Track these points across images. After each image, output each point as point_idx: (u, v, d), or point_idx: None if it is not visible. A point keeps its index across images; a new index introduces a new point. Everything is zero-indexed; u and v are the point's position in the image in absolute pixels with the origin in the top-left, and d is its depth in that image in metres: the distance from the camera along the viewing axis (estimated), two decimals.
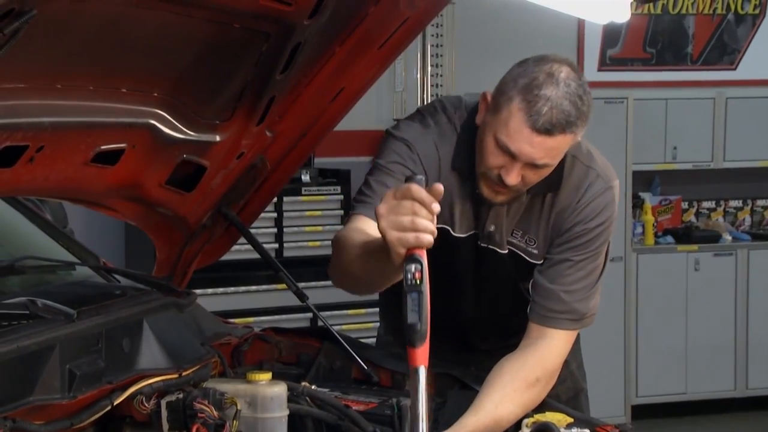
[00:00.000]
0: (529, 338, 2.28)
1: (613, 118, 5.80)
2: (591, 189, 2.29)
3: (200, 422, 2.10)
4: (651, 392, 6.04)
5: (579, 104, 2.11)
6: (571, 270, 2.28)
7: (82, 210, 2.92)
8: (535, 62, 2.16)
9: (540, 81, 2.11)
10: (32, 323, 1.90)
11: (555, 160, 2.18)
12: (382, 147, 2.35)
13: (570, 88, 2.11)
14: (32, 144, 1.83)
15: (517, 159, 2.14)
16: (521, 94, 2.11)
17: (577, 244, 2.28)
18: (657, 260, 6.13)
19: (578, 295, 2.28)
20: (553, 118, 2.09)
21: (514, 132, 2.12)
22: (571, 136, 2.13)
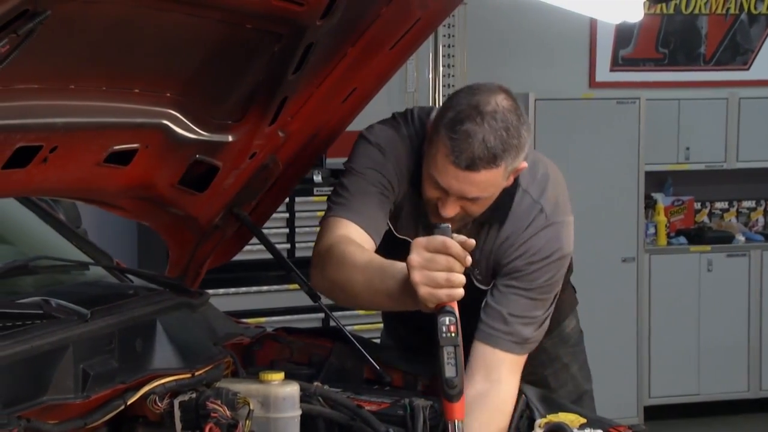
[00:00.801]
0: (476, 366, 2.23)
1: (626, 118, 5.79)
2: (534, 224, 2.24)
3: (213, 422, 2.11)
4: (664, 393, 6.03)
5: (505, 137, 2.07)
6: (518, 298, 2.25)
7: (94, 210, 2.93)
8: (466, 93, 2.13)
9: (464, 115, 2.08)
10: (46, 323, 1.91)
11: (489, 193, 2.15)
12: (356, 150, 2.33)
13: (496, 122, 2.07)
14: (46, 144, 1.84)
15: (449, 193, 2.13)
16: (446, 128, 2.09)
17: (520, 276, 2.25)
18: (670, 261, 6.11)
19: (523, 320, 2.24)
20: (475, 153, 2.06)
21: (441, 168, 2.11)
22: (498, 169, 2.09)
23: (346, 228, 2.18)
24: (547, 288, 2.26)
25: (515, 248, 2.24)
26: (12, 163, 1.80)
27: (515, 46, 6.11)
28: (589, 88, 6.30)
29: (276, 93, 2.23)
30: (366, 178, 2.25)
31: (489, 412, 2.16)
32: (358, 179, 2.25)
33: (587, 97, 6.04)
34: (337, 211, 2.23)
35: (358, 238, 2.16)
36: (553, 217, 2.26)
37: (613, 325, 5.69)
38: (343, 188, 2.27)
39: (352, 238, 2.14)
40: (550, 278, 2.26)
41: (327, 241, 2.16)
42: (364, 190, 2.22)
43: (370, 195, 2.22)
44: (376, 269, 1.97)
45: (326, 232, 2.21)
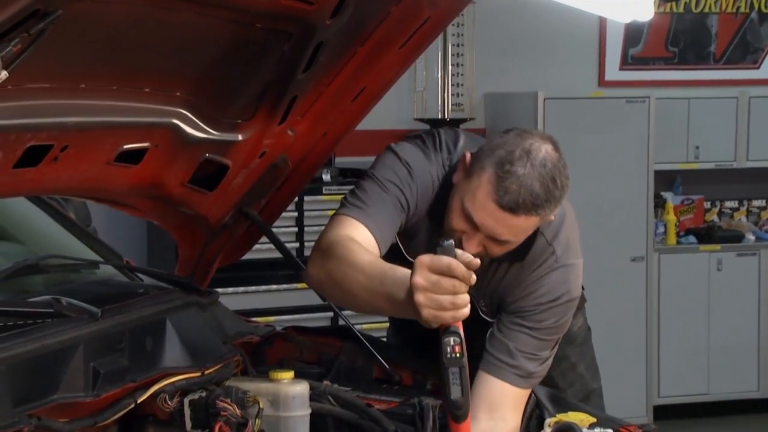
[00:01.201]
0: (479, 398, 2.22)
1: (635, 117, 5.78)
2: (544, 265, 2.23)
3: (223, 420, 2.11)
4: (673, 393, 6.01)
5: (551, 187, 2.06)
6: (524, 336, 2.24)
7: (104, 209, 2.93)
8: (518, 135, 2.11)
9: (515, 156, 2.06)
10: (57, 322, 1.92)
11: (518, 238, 2.13)
12: (384, 161, 2.28)
13: (545, 169, 2.06)
14: (57, 143, 1.84)
15: (479, 230, 2.10)
16: (494, 166, 2.06)
17: (527, 315, 2.23)
18: (679, 260, 6.09)
19: (528, 356, 2.24)
20: (521, 197, 2.04)
21: (480, 203, 2.08)
22: (536, 218, 2.08)
23: (355, 229, 2.16)
24: (553, 330, 2.25)
25: (523, 287, 2.23)
26: (23, 162, 1.81)
27: (524, 45, 6.10)
28: (598, 87, 6.29)
29: (285, 92, 2.23)
30: (387, 191, 2.21)
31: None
32: (379, 189, 2.21)
33: (597, 96, 6.03)
34: (350, 211, 2.20)
35: (366, 242, 2.14)
36: (564, 260, 2.24)
37: (622, 324, 5.68)
38: (362, 191, 2.23)
39: (358, 240, 2.12)
40: (557, 321, 2.25)
41: (332, 236, 2.14)
42: (382, 200, 2.19)
43: (387, 207, 2.19)
44: (377, 271, 1.94)
45: (334, 227, 2.19)
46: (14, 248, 2.55)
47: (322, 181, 5.27)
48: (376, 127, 5.37)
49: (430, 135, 2.34)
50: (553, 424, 2.10)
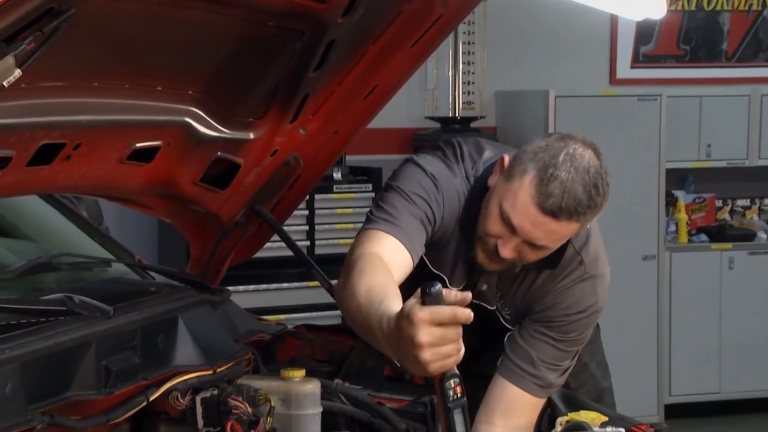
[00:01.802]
0: (496, 403, 2.21)
1: (646, 115, 5.76)
2: (571, 275, 2.21)
3: (234, 418, 2.11)
4: (684, 391, 6.00)
5: (593, 193, 2.04)
6: (548, 346, 2.22)
7: (115, 208, 2.95)
8: (559, 139, 2.08)
9: (559, 161, 2.02)
10: (69, 319, 1.92)
11: (555, 244, 2.09)
12: (407, 173, 2.21)
13: (588, 175, 2.03)
14: (69, 142, 1.85)
15: (517, 233, 2.05)
16: (537, 169, 2.02)
17: (553, 326, 2.21)
18: (691, 259, 6.07)
19: (550, 366, 2.22)
20: (563, 202, 2.00)
21: (521, 206, 2.03)
22: (576, 224, 2.05)
23: (384, 242, 2.07)
24: (577, 341, 2.24)
25: (550, 297, 2.20)
26: (36, 161, 1.81)
27: (535, 42, 6.09)
28: (609, 85, 6.27)
29: (297, 90, 2.23)
30: (415, 204, 2.14)
31: None
32: (406, 202, 2.14)
33: (608, 94, 6.01)
34: (378, 225, 2.11)
35: (396, 253, 2.07)
36: (592, 270, 2.22)
37: (634, 323, 5.66)
38: (388, 205, 2.15)
39: (386, 254, 2.04)
40: (582, 333, 2.23)
41: (357, 252, 2.06)
42: (410, 212, 2.12)
43: (415, 219, 2.13)
44: (376, 295, 1.81)
45: (362, 243, 2.10)
46: (27, 246, 2.56)
47: (333, 179, 5.27)
48: (386, 126, 5.38)
49: (450, 145, 2.29)
50: (565, 423, 2.10)
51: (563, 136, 2.09)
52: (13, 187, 1.89)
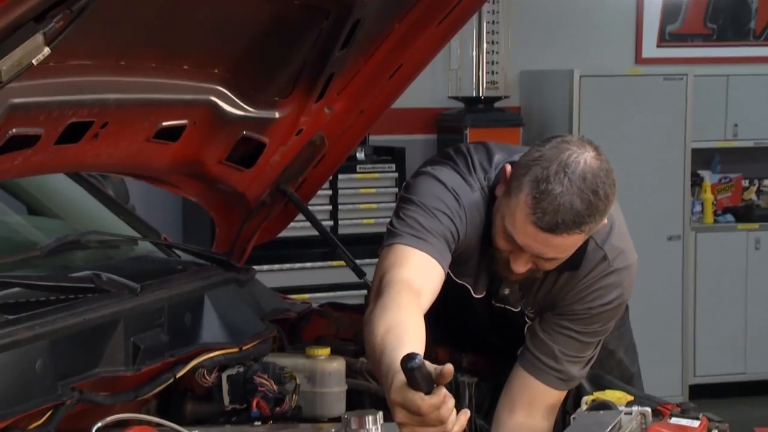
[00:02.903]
0: (519, 395, 2.20)
1: (673, 95, 5.71)
2: (596, 270, 2.14)
3: (260, 396, 2.13)
4: (709, 372, 5.98)
5: (593, 200, 1.94)
6: (571, 340, 2.19)
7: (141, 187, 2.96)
8: (554, 146, 1.98)
9: (551, 173, 1.93)
10: (97, 297, 1.94)
11: (566, 254, 2.03)
12: (426, 187, 2.13)
13: (585, 183, 1.94)
14: (97, 120, 1.86)
15: (524, 250, 2.02)
16: (530, 185, 1.95)
17: (577, 319, 2.17)
18: (716, 239, 6.04)
19: (573, 359, 2.20)
20: (559, 217, 1.93)
21: (520, 225, 1.98)
22: (581, 234, 1.98)
23: (413, 260, 2.00)
24: (600, 332, 2.21)
25: (574, 293, 2.16)
26: (64, 139, 1.83)
27: (560, 22, 6.05)
28: (635, 64, 6.23)
29: (323, 70, 2.23)
30: (439, 221, 2.07)
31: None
32: (430, 219, 2.07)
33: (633, 73, 5.97)
34: (406, 240, 2.03)
35: (429, 269, 2.01)
36: (617, 263, 2.16)
37: (659, 303, 5.64)
38: (411, 219, 2.07)
39: (413, 282, 1.96)
40: (605, 323, 2.20)
41: (388, 276, 1.97)
42: (435, 229, 2.05)
43: (440, 236, 2.06)
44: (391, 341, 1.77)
45: (391, 261, 2.01)
46: (55, 224, 2.59)
47: (357, 159, 5.27)
48: (410, 106, 5.37)
49: (461, 155, 2.21)
50: (590, 402, 2.09)
51: (559, 141, 1.99)
52: (41, 165, 1.91)
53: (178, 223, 5.32)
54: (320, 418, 2.19)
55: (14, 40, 1.35)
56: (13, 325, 1.71)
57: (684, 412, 2.03)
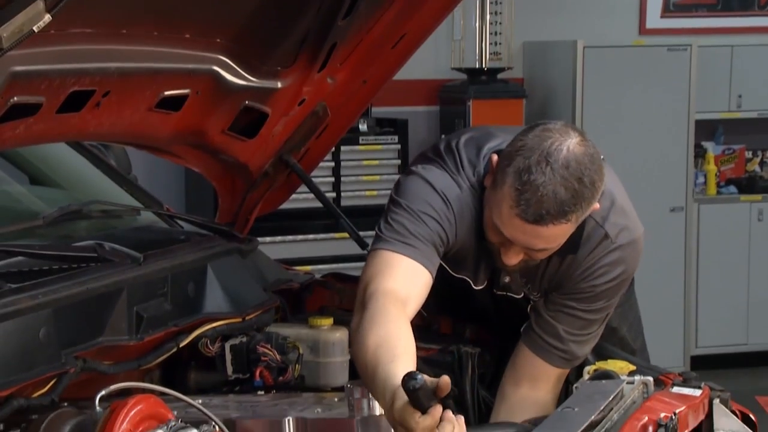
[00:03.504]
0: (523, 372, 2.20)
1: (676, 66, 5.68)
2: (598, 248, 2.12)
3: (263, 365, 2.14)
4: (711, 343, 5.99)
5: (577, 188, 1.91)
6: (576, 319, 2.18)
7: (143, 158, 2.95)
8: (537, 135, 1.94)
9: (533, 163, 1.90)
10: (100, 266, 1.94)
11: (556, 244, 2.01)
12: (414, 189, 2.10)
13: (568, 171, 1.90)
14: (99, 89, 1.85)
15: (513, 243, 2.00)
16: (513, 177, 1.92)
17: (582, 297, 2.16)
18: (719, 210, 6.03)
19: (578, 338, 2.19)
20: (543, 208, 1.90)
21: (506, 218, 1.96)
22: (568, 224, 1.95)
23: (398, 267, 1.99)
24: (605, 308, 2.19)
25: (579, 272, 2.13)
26: (66, 108, 1.82)
27: None
28: (639, 35, 6.19)
29: (325, 39, 2.22)
30: (427, 226, 2.05)
31: (537, 410, 2.14)
32: (417, 223, 2.05)
33: (637, 44, 5.94)
34: (393, 246, 2.02)
35: (415, 275, 2.01)
36: (621, 240, 2.13)
37: (661, 274, 5.64)
38: (398, 224, 2.05)
39: (399, 291, 1.95)
40: (610, 299, 2.18)
41: (371, 287, 1.96)
42: (422, 233, 2.04)
43: (428, 241, 2.05)
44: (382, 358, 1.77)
45: (376, 268, 2.01)
46: (57, 194, 2.58)
47: (359, 131, 5.25)
48: (413, 77, 5.35)
49: (450, 153, 2.17)
50: (593, 372, 2.10)
51: (542, 128, 1.96)
52: (43, 134, 1.91)
53: (180, 194, 5.32)
54: (323, 387, 2.19)
55: (15, 7, 1.35)
56: (17, 294, 1.71)
57: (686, 382, 2.04)
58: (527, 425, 1.95)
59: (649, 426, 1.76)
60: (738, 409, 2.07)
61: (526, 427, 1.88)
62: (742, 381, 5.48)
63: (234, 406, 1.97)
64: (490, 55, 5.75)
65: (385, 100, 5.29)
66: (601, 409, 1.75)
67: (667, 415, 1.78)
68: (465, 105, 5.49)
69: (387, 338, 1.82)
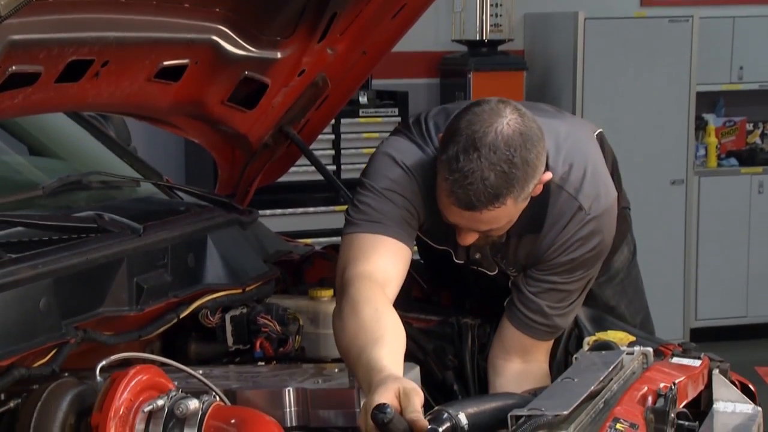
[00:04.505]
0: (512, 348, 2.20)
1: (678, 37, 5.66)
2: (573, 222, 2.09)
3: (264, 337, 2.15)
4: (710, 315, 6.01)
5: (507, 170, 1.88)
6: (557, 293, 2.16)
7: (143, 130, 2.95)
8: (465, 119, 1.92)
9: (459, 150, 1.88)
10: (100, 237, 1.94)
11: (501, 224, 1.98)
12: (376, 166, 2.10)
13: (496, 155, 1.87)
14: (98, 59, 1.84)
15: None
16: (444, 166, 1.91)
17: (561, 271, 2.14)
18: (720, 183, 6.02)
19: (560, 311, 2.18)
20: (473, 195, 1.88)
21: (444, 206, 1.96)
22: (503, 206, 1.92)
23: (372, 248, 1.99)
24: (585, 277, 2.18)
25: (556, 247, 2.11)
26: (65, 77, 1.81)
27: None
28: (640, 6, 6.16)
29: (325, 9, 2.21)
30: (391, 201, 2.05)
31: (534, 382, 2.14)
32: (383, 201, 2.05)
33: (639, 15, 5.91)
34: (363, 227, 2.03)
35: (391, 253, 2.01)
36: (594, 211, 2.10)
37: (661, 247, 5.65)
38: (365, 205, 2.05)
39: (375, 273, 1.95)
40: (588, 269, 2.17)
41: (348, 273, 1.96)
42: (389, 210, 2.04)
43: (396, 215, 2.04)
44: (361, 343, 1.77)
45: (352, 254, 2.00)
46: (56, 165, 2.58)
47: (359, 103, 5.24)
48: (413, 49, 5.33)
49: (417, 124, 2.15)
50: (592, 343, 2.10)
51: (472, 113, 1.92)
52: (42, 104, 1.90)
53: (180, 166, 5.31)
54: (324, 358, 2.20)
55: None
56: (16, 264, 1.71)
57: (685, 352, 2.04)
58: (528, 395, 1.95)
59: (649, 396, 1.76)
60: (737, 379, 2.08)
61: (526, 398, 1.88)
62: (741, 353, 5.49)
63: (234, 376, 1.97)
64: (491, 27, 5.72)
65: (385, 72, 5.27)
66: (600, 380, 1.75)
67: (666, 385, 1.78)
68: (465, 77, 5.47)
69: (366, 322, 1.82)
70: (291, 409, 1.84)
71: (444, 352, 2.33)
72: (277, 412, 1.78)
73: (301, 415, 1.85)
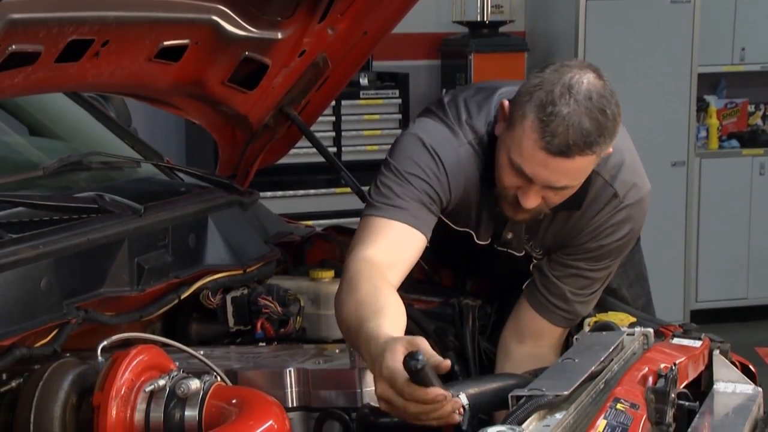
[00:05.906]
0: (527, 330, 2.20)
1: (679, 18, 5.63)
2: (607, 208, 2.10)
3: (264, 317, 2.15)
4: (711, 297, 6.01)
5: (601, 119, 1.89)
6: (581, 279, 2.17)
7: (143, 110, 2.94)
8: (554, 71, 1.93)
9: (556, 96, 1.88)
10: (101, 217, 1.94)
11: (578, 181, 1.98)
12: (404, 148, 2.07)
13: (591, 102, 1.88)
14: (98, 38, 1.83)
15: (533, 182, 1.95)
16: (535, 111, 1.89)
17: (588, 257, 2.15)
18: (721, 164, 6.01)
19: (582, 298, 2.19)
20: (570, 138, 1.87)
21: (528, 154, 1.91)
22: (592, 156, 1.92)
23: (385, 233, 1.97)
24: (609, 267, 2.18)
25: (586, 233, 2.12)
26: (65, 57, 1.80)
27: None
28: None
29: None
30: (413, 186, 2.02)
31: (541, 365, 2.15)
32: (404, 185, 2.02)
33: None
34: (382, 211, 2.00)
35: (405, 239, 1.98)
36: (629, 199, 2.11)
37: (662, 228, 5.64)
38: (386, 188, 2.03)
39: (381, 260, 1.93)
40: (615, 257, 2.18)
41: (355, 255, 1.95)
42: (409, 195, 2.01)
43: (415, 201, 2.02)
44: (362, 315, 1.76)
45: (364, 236, 1.98)
46: (56, 145, 2.57)
47: (360, 85, 5.23)
48: (414, 30, 5.31)
49: (453, 105, 2.13)
50: (593, 324, 2.10)
51: (558, 65, 1.94)
52: (42, 84, 1.89)
53: (181, 147, 5.31)
54: (325, 339, 2.20)
55: None
56: (17, 244, 1.71)
57: (686, 333, 2.04)
58: (528, 376, 1.95)
59: (649, 376, 1.76)
60: (738, 360, 2.08)
61: (526, 378, 1.88)
62: (741, 334, 5.51)
63: (235, 357, 1.97)
64: (492, 8, 5.70)
65: (386, 53, 5.26)
66: (601, 360, 1.75)
67: (667, 365, 1.78)
68: (466, 59, 5.45)
69: (365, 297, 1.81)
70: (292, 390, 1.85)
71: (445, 334, 2.34)
72: (278, 393, 1.78)
73: (302, 396, 1.85)
